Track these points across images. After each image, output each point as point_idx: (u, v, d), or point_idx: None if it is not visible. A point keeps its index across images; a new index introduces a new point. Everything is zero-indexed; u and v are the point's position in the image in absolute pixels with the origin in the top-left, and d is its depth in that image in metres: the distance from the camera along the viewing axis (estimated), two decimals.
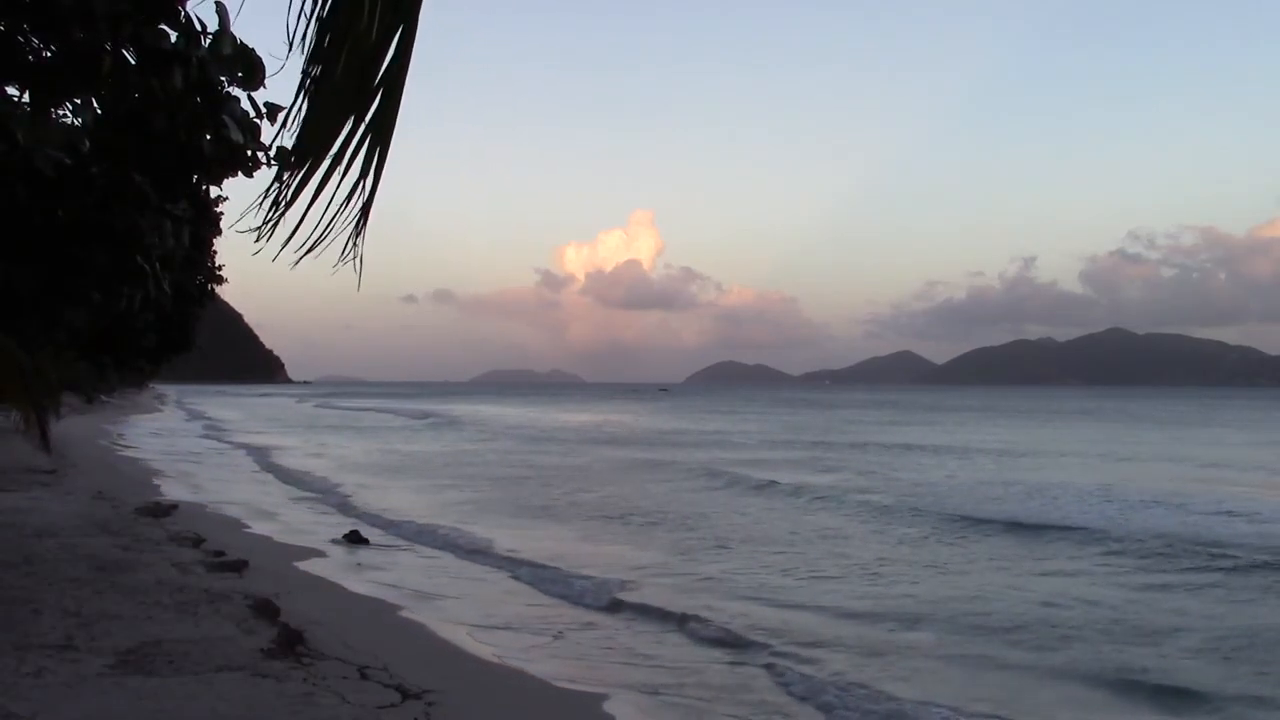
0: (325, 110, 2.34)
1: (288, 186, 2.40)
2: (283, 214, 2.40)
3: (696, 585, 13.99)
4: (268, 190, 2.41)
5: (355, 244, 2.45)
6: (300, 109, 2.36)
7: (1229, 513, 22.34)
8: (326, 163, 2.37)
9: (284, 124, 2.37)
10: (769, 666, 9.81)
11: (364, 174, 2.41)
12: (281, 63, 2.35)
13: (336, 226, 2.41)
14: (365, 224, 2.46)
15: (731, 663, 10.09)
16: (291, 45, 2.30)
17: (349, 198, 2.41)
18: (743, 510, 22.90)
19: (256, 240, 2.43)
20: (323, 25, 2.30)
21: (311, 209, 2.39)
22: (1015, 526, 19.94)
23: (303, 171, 2.37)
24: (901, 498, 24.50)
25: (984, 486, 27.69)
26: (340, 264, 2.45)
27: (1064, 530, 19.42)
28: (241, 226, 2.43)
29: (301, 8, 2.30)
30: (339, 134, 2.36)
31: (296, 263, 2.43)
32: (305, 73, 2.34)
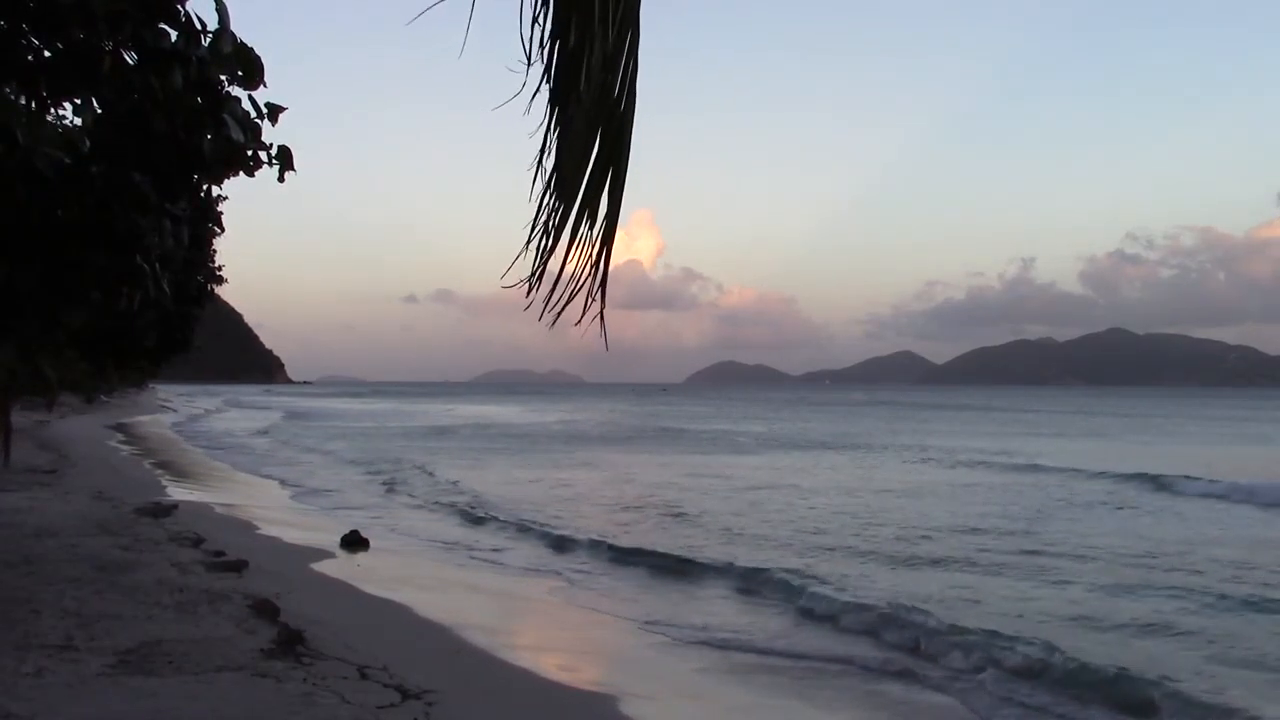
0: (573, 140, 2.06)
1: (551, 224, 2.10)
2: (547, 259, 2.12)
3: None
4: (532, 228, 2.11)
5: (597, 296, 2.15)
6: (549, 129, 2.07)
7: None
8: (577, 203, 2.09)
9: (541, 151, 2.07)
10: None
11: (610, 213, 2.13)
12: (522, 78, 2.04)
13: (582, 276, 2.13)
14: (607, 270, 2.16)
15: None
16: (530, 59, 2.05)
17: (600, 245, 2.12)
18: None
19: (527, 294, 2.13)
20: (554, 37, 2.05)
21: (568, 261, 2.13)
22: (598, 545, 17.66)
23: (561, 208, 2.09)
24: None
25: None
26: (588, 321, 2.15)
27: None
28: (510, 279, 2.12)
29: (535, 15, 2.05)
30: (588, 163, 2.09)
31: (554, 322, 2.14)
32: (552, 91, 2.06)
